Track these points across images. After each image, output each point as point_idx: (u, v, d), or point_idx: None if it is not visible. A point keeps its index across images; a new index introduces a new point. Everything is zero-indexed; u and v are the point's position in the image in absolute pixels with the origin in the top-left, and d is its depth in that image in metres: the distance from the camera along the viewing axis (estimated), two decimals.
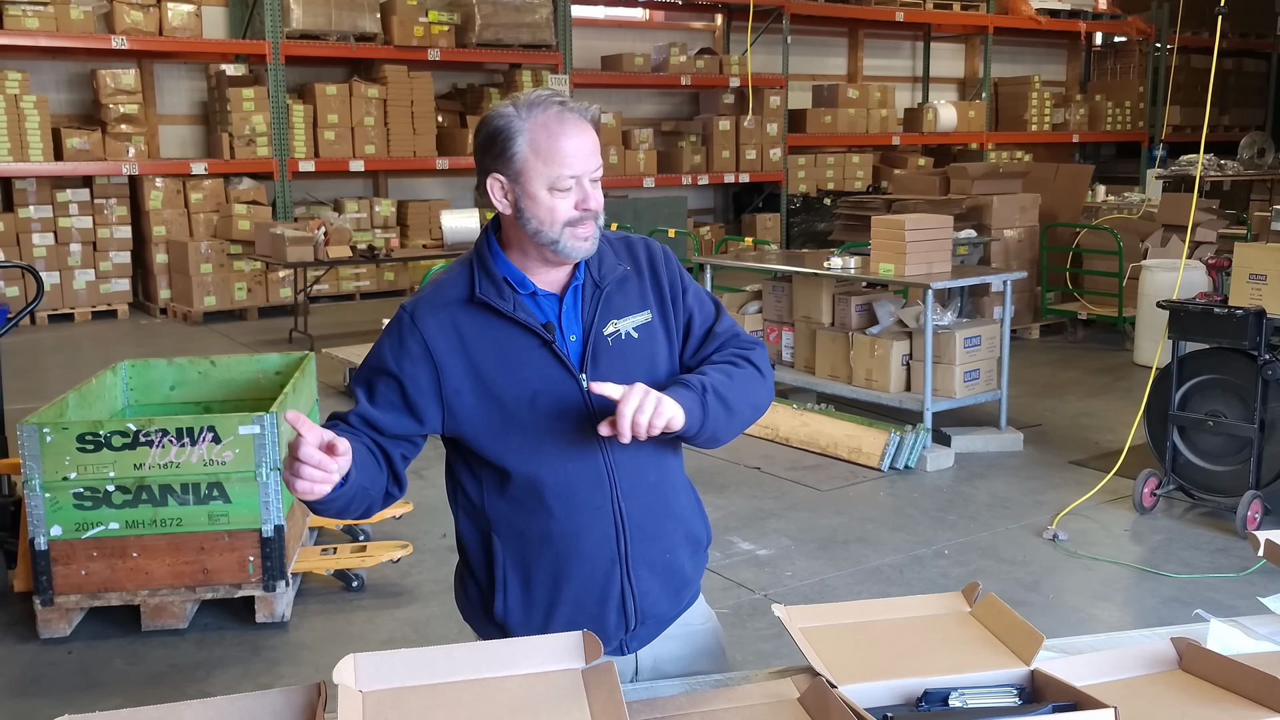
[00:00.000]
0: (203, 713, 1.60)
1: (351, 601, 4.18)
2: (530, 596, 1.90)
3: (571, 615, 1.88)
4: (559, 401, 1.83)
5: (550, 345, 1.83)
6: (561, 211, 1.79)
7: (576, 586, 1.88)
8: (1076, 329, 9.25)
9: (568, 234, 1.80)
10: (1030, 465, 5.83)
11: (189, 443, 3.71)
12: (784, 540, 4.81)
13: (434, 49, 11.40)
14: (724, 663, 2.08)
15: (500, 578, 1.90)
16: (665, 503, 1.95)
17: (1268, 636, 2.01)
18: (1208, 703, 1.74)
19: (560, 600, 1.89)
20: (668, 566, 1.95)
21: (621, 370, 1.85)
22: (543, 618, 1.89)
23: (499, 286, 1.84)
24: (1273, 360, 4.64)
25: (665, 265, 1.97)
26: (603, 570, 1.88)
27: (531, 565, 1.89)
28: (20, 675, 3.61)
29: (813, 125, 14.17)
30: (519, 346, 1.83)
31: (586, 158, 1.79)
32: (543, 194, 1.79)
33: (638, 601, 1.91)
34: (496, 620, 1.92)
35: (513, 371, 1.82)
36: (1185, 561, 4.51)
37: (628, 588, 1.90)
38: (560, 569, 1.88)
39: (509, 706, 1.60)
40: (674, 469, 1.99)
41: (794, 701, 1.74)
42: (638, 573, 1.90)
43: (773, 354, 7.07)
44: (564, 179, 1.78)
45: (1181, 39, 16.20)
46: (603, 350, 1.86)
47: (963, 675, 1.76)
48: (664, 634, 2.00)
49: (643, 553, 1.90)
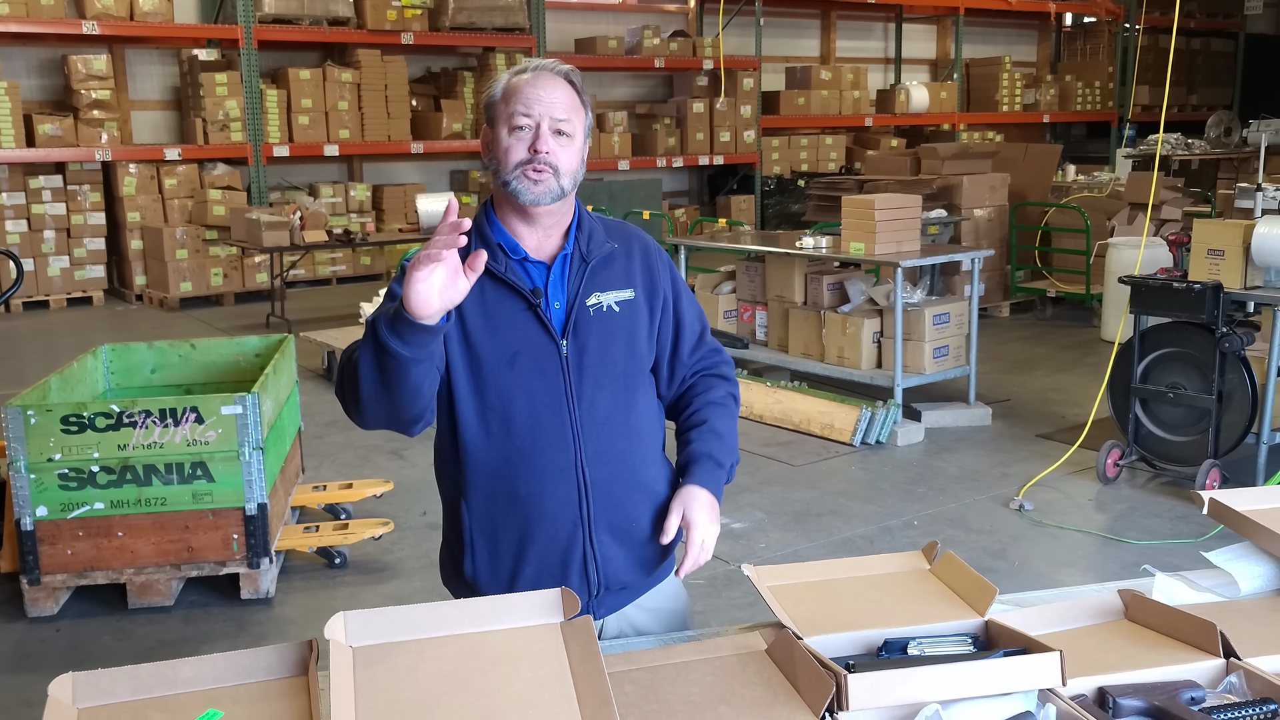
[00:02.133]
0: (200, 669, 1.68)
1: (335, 578, 4.26)
2: (496, 557, 1.98)
3: (535, 576, 1.95)
4: (538, 364, 1.91)
5: (535, 309, 1.91)
6: (515, 152, 1.87)
7: (540, 548, 1.96)
8: (1046, 306, 9.40)
9: (518, 174, 1.87)
10: (998, 439, 5.97)
11: (172, 423, 3.77)
12: (758, 514, 4.92)
13: (407, 33, 11.40)
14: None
15: (468, 538, 1.98)
16: (632, 471, 2.01)
17: (1210, 589, 2.13)
18: (1149, 648, 1.85)
19: (525, 560, 1.96)
20: (632, 535, 2.02)
21: (600, 340, 1.94)
22: (508, 577, 1.97)
23: (491, 249, 1.92)
24: (1230, 333, 4.78)
25: (659, 260, 2.06)
26: (565, 532, 1.96)
27: (498, 526, 1.97)
28: (10, 652, 3.68)
29: (786, 107, 14.26)
30: (506, 308, 1.91)
31: (547, 103, 1.87)
32: (502, 134, 1.89)
33: (600, 566, 1.98)
34: (466, 580, 2.00)
35: (497, 330, 1.91)
36: (1146, 529, 4.65)
37: (590, 551, 1.97)
38: (525, 530, 1.96)
39: (492, 659, 1.69)
40: (646, 440, 2.06)
41: (762, 653, 1.84)
42: (600, 537, 1.98)
43: (746, 333, 7.17)
44: (518, 115, 1.86)
45: (1150, 19, 16.36)
46: (584, 319, 1.94)
47: (921, 626, 1.86)
48: (634, 604, 2.08)
49: (606, 518, 1.98)
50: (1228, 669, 1.77)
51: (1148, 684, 1.73)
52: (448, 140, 11.90)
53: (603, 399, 1.95)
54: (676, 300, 2.06)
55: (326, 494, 4.70)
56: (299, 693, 1.65)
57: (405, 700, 1.59)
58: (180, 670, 1.67)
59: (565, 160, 1.89)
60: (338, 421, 6.39)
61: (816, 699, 1.62)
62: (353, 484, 4.78)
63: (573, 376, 1.92)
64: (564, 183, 1.90)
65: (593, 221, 2.01)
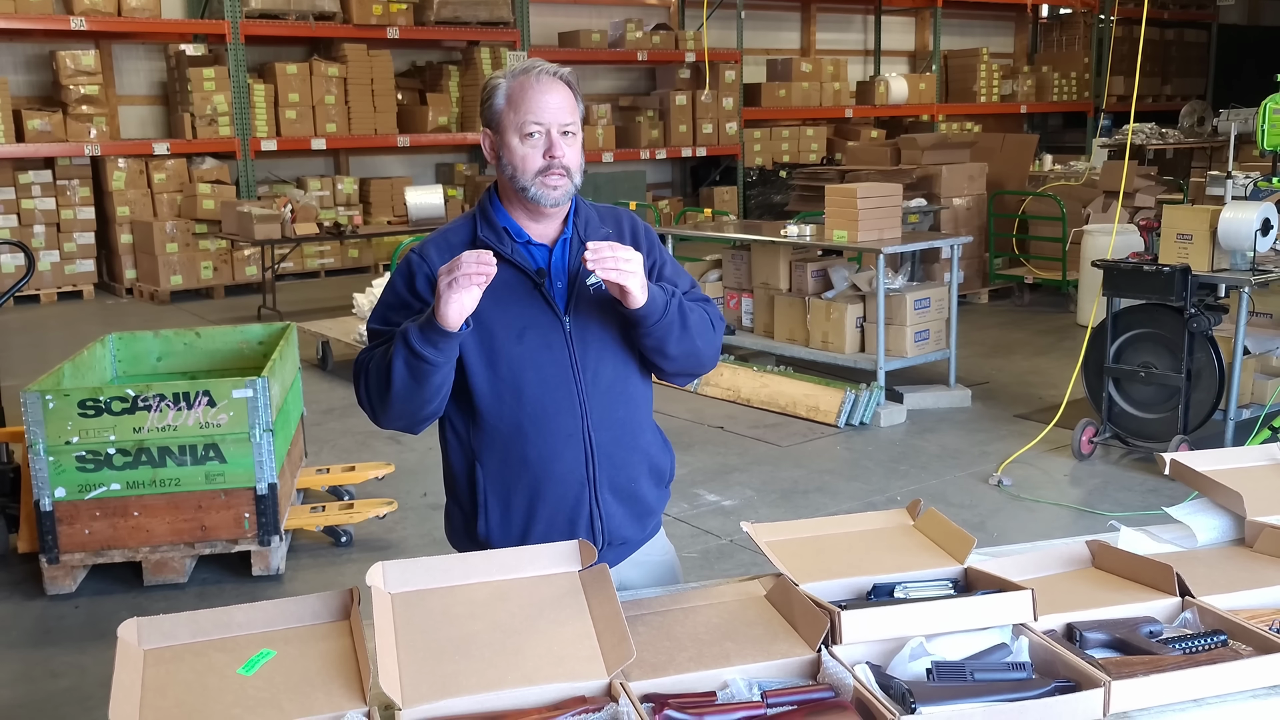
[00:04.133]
0: (252, 615, 1.85)
1: (341, 555, 4.41)
2: (509, 516, 2.15)
3: (545, 533, 2.12)
4: (544, 338, 2.09)
5: (540, 288, 2.09)
6: (532, 160, 2.04)
7: (549, 507, 2.13)
8: (1023, 293, 9.61)
9: (538, 182, 2.05)
10: (978, 419, 6.17)
11: (185, 406, 3.92)
12: (747, 491, 5.10)
13: (393, 27, 11.51)
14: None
15: (482, 500, 2.15)
16: (632, 436, 2.19)
17: (1170, 540, 2.31)
18: (1114, 589, 2.04)
19: (535, 519, 2.14)
20: (631, 494, 2.20)
21: (601, 315, 2.12)
22: (520, 535, 2.14)
23: (498, 234, 2.10)
24: (1198, 314, 4.98)
25: (645, 236, 2.23)
26: (573, 493, 2.13)
27: (510, 488, 2.14)
28: (32, 627, 3.82)
29: (767, 99, 14.44)
30: (512, 287, 2.08)
31: (554, 110, 2.04)
32: (514, 141, 2.05)
33: (604, 523, 2.16)
34: (479, 540, 2.16)
35: (505, 308, 2.08)
36: (1119, 502, 4.86)
37: (595, 510, 2.14)
38: (535, 491, 2.13)
39: (519, 603, 1.86)
40: (641, 409, 2.24)
41: (761, 598, 2.02)
42: (604, 496, 2.15)
43: (733, 319, 7.35)
44: (529, 124, 2.03)
45: (1125, 11, 16.61)
46: (585, 296, 2.11)
47: (906, 574, 2.04)
48: (629, 559, 2.25)
49: (609, 478, 2.15)
50: (1183, 606, 1.96)
51: (1111, 619, 1.92)
52: (433, 133, 12.02)
53: (605, 369, 2.13)
54: (662, 269, 2.23)
55: (330, 476, 4.85)
56: (343, 635, 1.81)
57: (441, 639, 1.76)
58: (234, 615, 1.83)
59: (573, 159, 2.07)
60: (335, 409, 6.54)
61: (813, 634, 1.80)
62: (355, 467, 4.94)
63: (576, 349, 2.09)
64: (576, 180, 2.09)
65: (588, 208, 2.19)
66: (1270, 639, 1.78)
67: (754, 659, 1.77)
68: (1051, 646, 1.78)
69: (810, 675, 1.76)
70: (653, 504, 2.27)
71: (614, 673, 1.68)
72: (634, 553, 2.26)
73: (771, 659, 1.77)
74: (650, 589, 2.14)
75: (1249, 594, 1.99)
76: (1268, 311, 5.88)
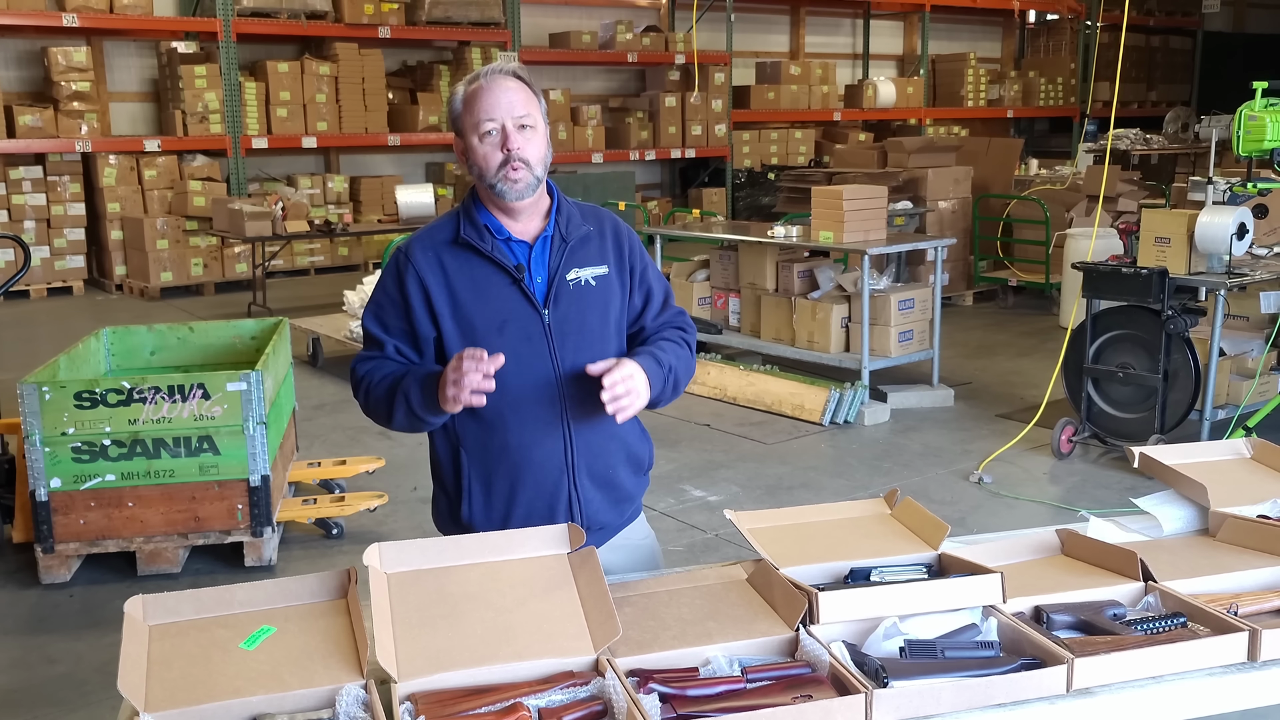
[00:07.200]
0: (253, 593, 1.92)
1: (332, 547, 4.48)
2: (491, 501, 2.23)
3: (525, 518, 2.21)
4: (523, 330, 2.17)
5: (519, 284, 2.17)
6: (493, 157, 2.13)
7: (529, 492, 2.22)
8: (1007, 295, 9.72)
9: (501, 177, 2.13)
10: (960, 419, 6.26)
11: (180, 399, 3.98)
12: (733, 487, 5.18)
13: (384, 26, 11.57)
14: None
15: (466, 486, 2.24)
16: (609, 425, 2.24)
17: (1137, 530, 2.40)
18: (1081, 575, 2.13)
19: (516, 504, 2.22)
20: (609, 480, 2.29)
21: (579, 310, 2.21)
22: (501, 520, 2.22)
23: (480, 231, 2.19)
24: (1175, 316, 5.08)
25: (628, 240, 2.32)
26: (552, 479, 2.22)
27: (492, 474, 2.22)
28: (28, 616, 3.88)
29: (756, 101, 14.53)
30: (493, 282, 2.17)
31: (506, 105, 2.12)
32: (475, 142, 2.14)
33: (583, 508, 2.24)
34: (463, 524, 2.25)
35: (486, 302, 2.17)
36: (1097, 499, 4.95)
37: (574, 495, 2.23)
38: (516, 477, 2.21)
39: (510, 583, 1.93)
40: None
41: (743, 581, 2.10)
42: (582, 482, 2.23)
43: (720, 319, 7.43)
44: (483, 123, 2.12)
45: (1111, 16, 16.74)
46: (564, 292, 2.20)
47: (882, 559, 2.12)
48: (609, 544, 2.32)
49: (587, 465, 2.24)
50: (1146, 590, 2.04)
51: (1077, 603, 2.00)
52: (424, 133, 12.07)
53: (583, 361, 2.20)
54: (643, 273, 2.32)
55: (321, 470, 4.92)
56: (341, 613, 1.89)
57: (435, 616, 1.83)
58: (236, 594, 1.90)
59: (533, 151, 2.15)
60: (326, 404, 6.60)
61: (791, 614, 1.88)
62: (346, 461, 5.00)
63: (556, 341, 2.18)
64: (537, 172, 2.17)
65: (570, 206, 2.28)
66: (1227, 621, 1.87)
67: (735, 637, 1.85)
68: (1019, 627, 1.87)
69: (789, 653, 1.84)
70: (631, 490, 2.35)
71: (601, 649, 1.76)
72: (613, 537, 2.34)
73: (752, 637, 1.85)
74: (633, 573, 2.22)
75: (1209, 579, 2.08)
76: (1243, 314, 5.99)
